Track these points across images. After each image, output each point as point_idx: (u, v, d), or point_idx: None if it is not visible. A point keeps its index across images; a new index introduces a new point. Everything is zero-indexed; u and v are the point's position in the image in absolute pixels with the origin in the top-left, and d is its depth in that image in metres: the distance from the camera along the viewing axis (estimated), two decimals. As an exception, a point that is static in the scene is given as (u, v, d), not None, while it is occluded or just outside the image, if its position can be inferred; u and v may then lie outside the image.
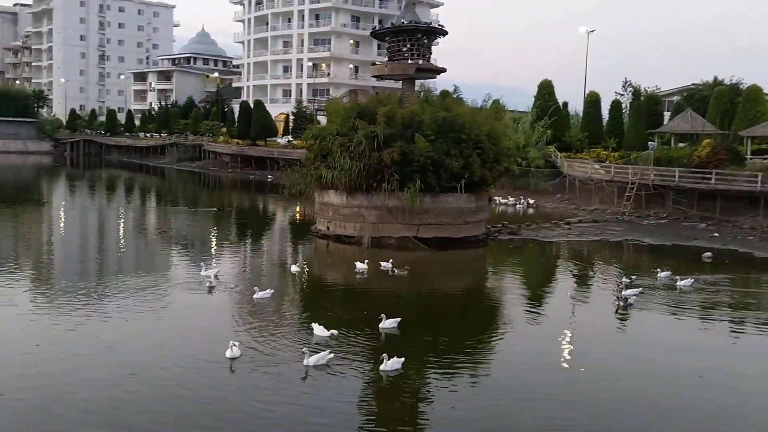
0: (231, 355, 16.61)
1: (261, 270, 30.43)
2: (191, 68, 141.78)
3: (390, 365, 16.31)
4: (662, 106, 64.33)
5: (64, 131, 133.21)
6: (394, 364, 16.36)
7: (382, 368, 16.31)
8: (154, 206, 57.18)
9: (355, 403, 15.00)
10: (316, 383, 15.80)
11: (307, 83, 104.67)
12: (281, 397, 14.93)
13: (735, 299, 25.70)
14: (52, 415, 13.82)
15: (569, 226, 42.39)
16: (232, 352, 16.62)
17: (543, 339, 20.38)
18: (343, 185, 34.32)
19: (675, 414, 14.87)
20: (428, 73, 40.12)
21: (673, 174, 46.59)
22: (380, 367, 16.36)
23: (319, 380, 15.95)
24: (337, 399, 15.06)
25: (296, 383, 15.77)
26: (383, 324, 19.81)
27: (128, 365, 16.35)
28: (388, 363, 16.32)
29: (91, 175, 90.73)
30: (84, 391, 14.96)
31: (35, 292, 23.92)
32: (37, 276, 26.95)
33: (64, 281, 25.58)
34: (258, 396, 14.98)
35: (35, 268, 28.78)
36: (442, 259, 33.24)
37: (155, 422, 13.67)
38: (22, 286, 24.66)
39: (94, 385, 15.27)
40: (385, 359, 16.38)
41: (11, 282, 25.00)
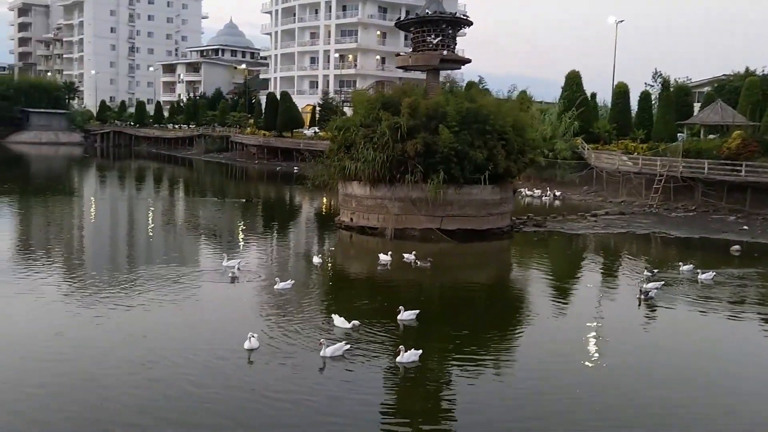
0: (249, 346, 16.64)
1: (284, 261, 30.55)
2: (219, 60, 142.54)
3: (407, 357, 16.26)
4: (692, 97, 63.27)
5: (94, 123, 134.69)
6: (410, 356, 16.31)
7: (399, 360, 16.27)
8: (182, 197, 57.58)
9: (371, 395, 14.94)
10: (332, 375, 15.80)
11: (333, 74, 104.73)
12: (297, 387, 14.91)
13: (760, 293, 25.27)
14: (72, 402, 14.00)
15: (595, 219, 41.97)
16: (251, 344, 16.65)
17: (565, 333, 20.15)
18: (367, 176, 34.25)
19: (696, 409, 14.68)
20: (453, 64, 39.88)
21: (703, 166, 45.90)
22: (397, 358, 16.32)
23: (335, 372, 15.94)
24: (352, 391, 15.03)
25: (313, 374, 15.77)
26: (401, 316, 19.76)
27: (146, 355, 16.45)
28: (404, 355, 16.28)
29: (120, 166, 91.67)
30: (101, 379, 15.08)
31: (61, 281, 24.10)
32: (65, 265, 27.21)
33: (91, 270, 25.94)
34: (274, 387, 14.97)
35: (64, 257, 29.13)
36: (465, 251, 33.09)
37: (172, 410, 13.73)
38: (49, 274, 24.95)
39: (111, 373, 15.38)
40: (402, 351, 16.33)
41: (40, 270, 25.37)
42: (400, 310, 19.84)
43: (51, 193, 53.44)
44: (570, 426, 13.78)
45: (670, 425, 13.98)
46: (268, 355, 16.64)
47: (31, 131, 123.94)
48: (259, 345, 16.82)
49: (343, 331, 18.57)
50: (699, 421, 14.19)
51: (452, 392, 15.53)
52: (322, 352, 16.44)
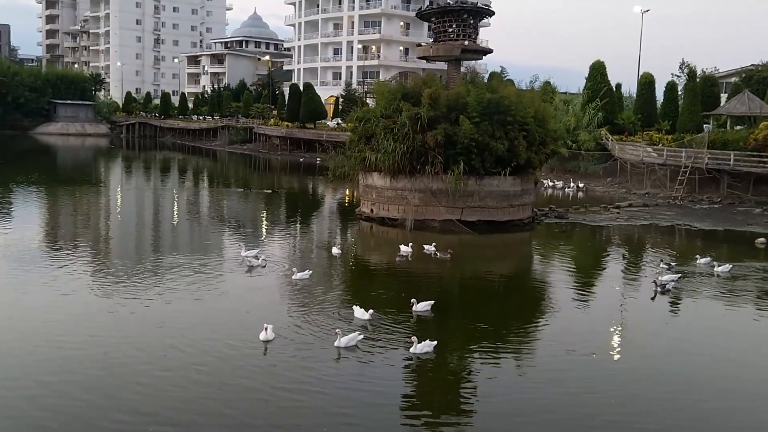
0: (265, 337, 16.64)
1: (303, 251, 30.58)
2: (243, 51, 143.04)
3: (420, 348, 16.22)
4: (719, 87, 62.21)
5: (120, 114, 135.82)
6: (424, 347, 16.27)
7: (413, 350, 16.24)
8: (206, 187, 57.93)
9: (385, 386, 14.94)
10: (345, 365, 15.82)
11: (357, 66, 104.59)
12: (311, 379, 14.90)
13: None
14: (84, 389, 14.15)
15: (618, 210, 41.55)
16: (266, 335, 16.65)
17: (585, 326, 20.00)
18: (387, 168, 34.20)
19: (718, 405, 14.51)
20: (474, 54, 39.63)
21: (728, 157, 45.24)
22: (411, 349, 16.29)
23: (349, 362, 15.97)
24: (366, 382, 15.03)
25: (327, 365, 15.75)
26: (416, 307, 19.70)
27: (160, 345, 16.61)
28: (418, 346, 16.24)
29: (145, 157, 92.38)
30: (112, 367, 15.23)
31: (83, 270, 24.32)
32: (88, 254, 27.50)
33: (114, 259, 26.47)
34: (286, 378, 14.95)
35: (88, 246, 29.48)
36: (485, 243, 32.93)
37: (182, 400, 13.80)
38: (73, 263, 25.21)
39: (125, 362, 15.51)
40: (415, 342, 16.29)
41: (64, 259, 25.73)
42: (413, 303, 19.77)
43: (78, 184, 54.15)
44: (589, 420, 13.67)
45: (687, 419, 13.86)
46: (283, 345, 16.66)
47: (58, 122, 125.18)
48: (275, 336, 16.84)
49: (362, 322, 18.55)
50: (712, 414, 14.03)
51: (471, 384, 15.48)
52: (337, 342, 16.45)
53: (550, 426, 13.37)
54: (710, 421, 13.93)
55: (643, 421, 13.53)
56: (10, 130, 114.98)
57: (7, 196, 44.25)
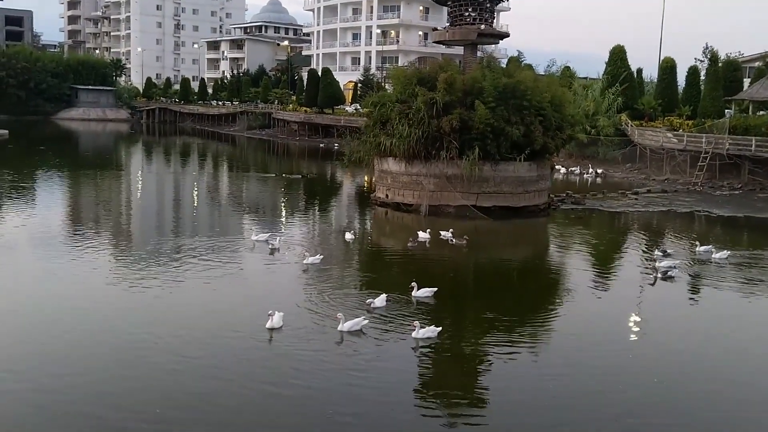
0: (270, 325, 16.45)
1: (318, 235, 30.53)
2: (262, 37, 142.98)
3: (422, 333, 16.13)
4: (742, 72, 61.19)
5: (140, 99, 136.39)
6: (426, 332, 16.16)
7: (414, 335, 16.15)
8: (224, 172, 58.25)
9: (394, 372, 14.90)
10: (350, 350, 15.78)
11: (376, 51, 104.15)
12: (315, 366, 14.80)
13: None
14: (87, 373, 14.23)
15: (636, 197, 41.10)
16: (272, 322, 16.47)
17: (599, 314, 19.80)
18: (402, 153, 34.02)
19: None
20: (491, 39, 39.18)
21: (750, 143, 44.57)
22: (413, 334, 16.20)
23: (354, 347, 15.93)
24: (372, 370, 14.96)
25: (330, 352, 15.65)
26: (416, 292, 19.51)
27: (161, 330, 16.64)
28: (420, 331, 16.15)
29: (165, 143, 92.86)
30: (120, 353, 15.31)
31: (96, 254, 24.44)
32: (102, 238, 27.76)
33: (134, 244, 26.96)
34: (290, 365, 14.82)
35: (105, 230, 29.88)
36: (500, 229, 32.72)
37: (180, 390, 13.76)
38: (87, 246, 25.45)
39: (123, 346, 15.57)
40: (417, 327, 16.20)
41: (79, 242, 26.03)
42: (413, 287, 19.62)
43: (99, 169, 54.56)
44: (601, 409, 13.55)
45: (699, 408, 13.78)
46: (288, 333, 16.52)
47: (79, 108, 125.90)
48: (282, 323, 16.63)
49: (380, 310, 18.42)
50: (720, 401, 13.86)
51: (484, 370, 15.40)
52: (340, 326, 16.41)
53: (562, 411, 13.28)
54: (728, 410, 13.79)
55: (659, 411, 13.34)
56: (33, 115, 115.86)
57: (30, 181, 44.78)
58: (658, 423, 12.86)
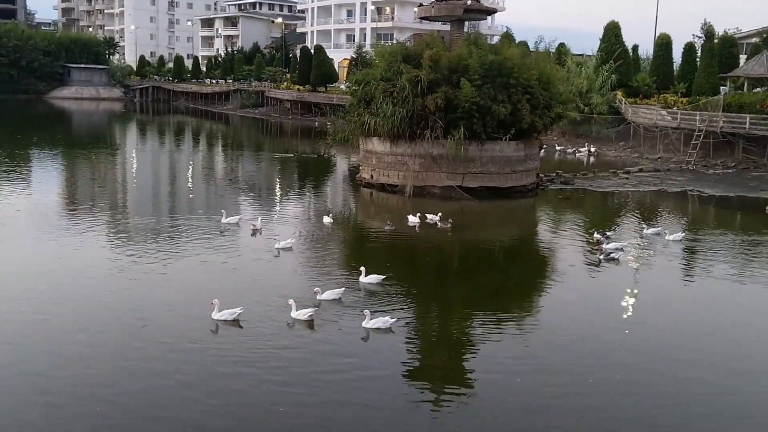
0: (216, 315, 15.78)
1: (296, 218, 29.68)
2: (257, 14, 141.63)
3: (372, 323, 15.52)
4: (738, 48, 60.10)
5: (134, 78, 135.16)
6: (377, 322, 15.54)
7: (365, 324, 15.55)
8: (216, 152, 57.64)
9: (372, 358, 14.48)
10: (296, 339, 15.28)
11: (370, 28, 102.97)
12: (255, 356, 14.28)
13: (729, 255, 24.17)
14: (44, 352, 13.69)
15: (628, 176, 40.41)
16: (218, 312, 15.77)
17: (586, 296, 19.49)
18: (386, 132, 33.28)
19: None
20: (478, 14, 38.23)
21: (744, 120, 43.79)
22: (363, 323, 15.60)
23: (302, 334, 15.48)
24: (346, 353, 14.55)
25: (278, 342, 15.04)
26: (363, 278, 18.88)
27: (106, 317, 16.18)
28: (370, 321, 15.56)
29: (159, 121, 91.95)
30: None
31: (96, 231, 24.53)
32: (103, 217, 27.72)
33: (121, 222, 26.37)
34: (234, 355, 14.33)
35: (103, 209, 29.72)
36: (487, 210, 32.03)
37: (117, 377, 13.31)
38: (86, 225, 25.49)
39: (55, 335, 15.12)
40: (368, 316, 15.61)
41: (78, 222, 26.02)
42: (361, 272, 19.03)
43: (93, 147, 53.93)
44: (589, 390, 13.31)
45: (684, 392, 13.38)
46: (241, 321, 15.87)
47: (72, 86, 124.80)
48: (235, 314, 15.89)
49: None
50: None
51: (469, 354, 15.08)
52: (292, 313, 15.94)
53: (549, 393, 13.06)
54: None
55: (645, 392, 13.13)
56: (25, 94, 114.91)
57: (25, 161, 44.40)
58: (650, 406, 12.63)
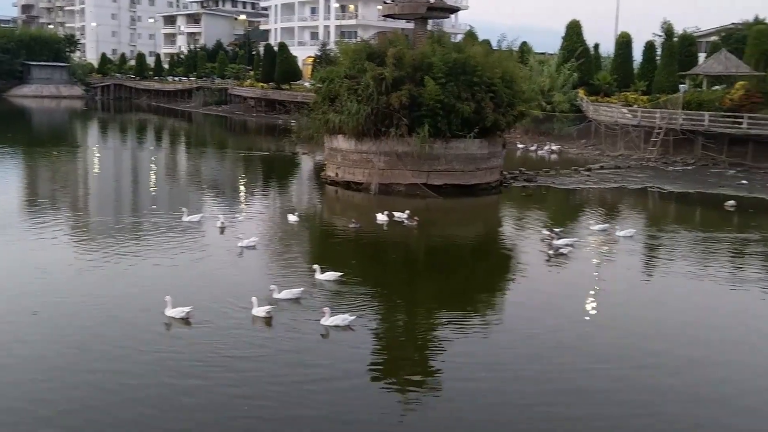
0: (171, 311, 15.73)
1: (261, 216, 29.51)
2: (220, 11, 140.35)
3: (331, 321, 15.54)
4: (697, 47, 61.19)
5: (95, 76, 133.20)
6: (335, 320, 15.56)
7: (323, 322, 15.57)
8: (178, 150, 57.11)
9: (339, 357, 14.41)
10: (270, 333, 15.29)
11: (334, 25, 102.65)
12: (209, 357, 14.07)
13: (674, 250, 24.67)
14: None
15: (589, 173, 40.94)
16: (172, 310, 15.73)
17: (550, 290, 19.73)
18: (351, 130, 33.30)
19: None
20: (441, 12, 38.47)
21: (703, 118, 44.60)
22: (321, 320, 15.62)
23: (282, 331, 15.43)
24: (287, 351, 14.51)
25: (234, 340, 14.91)
26: (318, 275, 18.85)
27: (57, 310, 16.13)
28: (330, 318, 15.58)
29: (120, 119, 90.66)
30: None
31: (56, 231, 24.24)
32: (62, 216, 27.55)
33: (82, 221, 25.95)
34: (188, 353, 14.20)
35: (62, 208, 29.51)
36: (452, 208, 32.26)
37: (73, 373, 13.24)
38: (47, 224, 25.14)
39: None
40: (327, 313, 15.63)
41: (39, 221, 25.62)
42: (315, 270, 19.01)
43: (53, 146, 52.94)
44: (555, 382, 13.50)
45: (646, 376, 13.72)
46: (195, 320, 15.75)
47: (32, 85, 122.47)
48: (187, 312, 15.77)
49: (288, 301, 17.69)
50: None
51: (437, 349, 15.18)
52: (254, 310, 15.98)
53: (517, 386, 13.30)
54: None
55: (612, 386, 13.45)
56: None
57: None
58: (619, 400, 12.91)
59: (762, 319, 17.75)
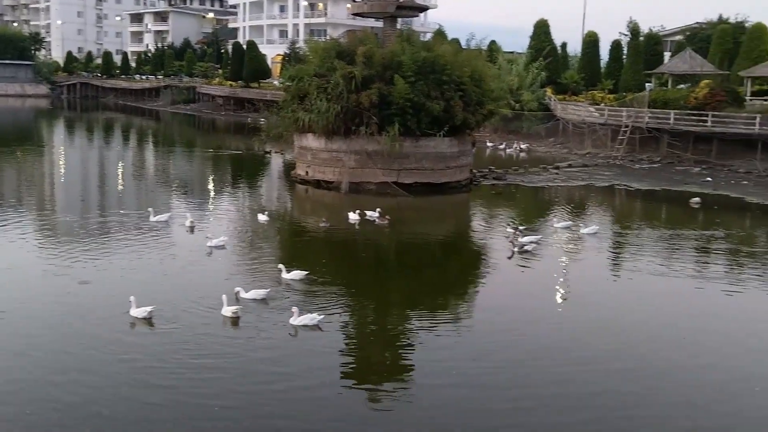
0: (135, 312, 15.61)
1: (232, 216, 29.34)
2: (187, 9, 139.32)
3: (300, 320, 15.52)
4: (662, 46, 62.08)
5: (61, 74, 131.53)
6: (304, 319, 15.53)
7: (292, 321, 15.55)
8: (140, 149, 56.47)
9: (310, 357, 14.38)
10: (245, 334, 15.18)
11: (303, 23, 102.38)
12: (174, 357, 14.00)
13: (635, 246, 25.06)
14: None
15: (557, 171, 41.32)
16: (135, 310, 15.61)
17: (520, 288, 19.93)
18: (321, 128, 33.22)
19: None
20: (410, 11, 38.50)
21: (668, 116, 45.20)
22: (290, 319, 15.59)
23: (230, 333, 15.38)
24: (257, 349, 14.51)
25: (199, 341, 14.78)
26: (284, 274, 18.83)
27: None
28: (298, 318, 15.56)
29: (86, 118, 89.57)
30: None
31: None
32: (28, 215, 27.10)
33: (46, 220, 25.33)
34: (153, 354, 14.08)
35: (28, 207, 29.07)
36: (422, 206, 32.30)
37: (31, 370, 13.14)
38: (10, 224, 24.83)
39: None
40: (296, 313, 15.60)
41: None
42: (281, 269, 19.00)
43: (18, 145, 51.93)
44: (526, 380, 13.62)
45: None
46: (158, 320, 15.65)
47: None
48: (149, 312, 15.65)
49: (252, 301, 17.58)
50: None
51: (408, 348, 15.22)
52: (223, 310, 15.94)
53: (488, 383, 13.36)
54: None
55: (584, 381, 13.57)
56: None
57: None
58: (586, 392, 13.09)
59: (723, 318, 17.88)
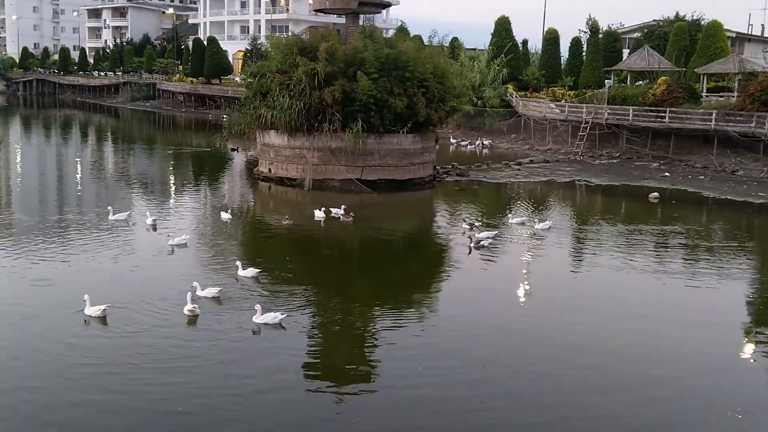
0: (90, 311, 15.46)
1: (190, 214, 28.98)
2: (147, 4, 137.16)
3: (262, 319, 15.49)
4: (621, 43, 62.89)
5: (16, 70, 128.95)
6: (266, 318, 15.50)
7: (255, 319, 15.52)
8: (99, 147, 55.65)
9: (271, 356, 14.32)
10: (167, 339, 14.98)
11: (265, 19, 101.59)
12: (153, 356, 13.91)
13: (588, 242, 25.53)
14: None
15: (519, 167, 41.70)
16: (91, 308, 15.47)
17: (484, 284, 20.09)
18: (284, 125, 33.11)
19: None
20: (372, 7, 38.37)
21: (627, 112, 45.84)
22: (253, 318, 15.55)
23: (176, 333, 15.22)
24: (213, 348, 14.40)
25: (156, 340, 14.71)
26: (241, 271, 18.84)
27: None
28: (261, 316, 15.53)
29: (43, 115, 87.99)
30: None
31: None
32: None
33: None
34: (105, 354, 13.96)
35: None
36: (386, 202, 32.41)
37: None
38: None
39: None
40: (258, 311, 15.58)
41: None
42: (237, 266, 19.03)
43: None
44: (489, 377, 13.71)
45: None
46: (115, 319, 15.50)
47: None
48: (104, 310, 15.50)
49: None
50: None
51: (372, 345, 15.24)
52: (186, 308, 15.83)
53: (452, 378, 13.45)
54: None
55: (550, 372, 13.75)
56: None
57: None
58: (555, 388, 13.21)
59: (684, 310, 18.21)
